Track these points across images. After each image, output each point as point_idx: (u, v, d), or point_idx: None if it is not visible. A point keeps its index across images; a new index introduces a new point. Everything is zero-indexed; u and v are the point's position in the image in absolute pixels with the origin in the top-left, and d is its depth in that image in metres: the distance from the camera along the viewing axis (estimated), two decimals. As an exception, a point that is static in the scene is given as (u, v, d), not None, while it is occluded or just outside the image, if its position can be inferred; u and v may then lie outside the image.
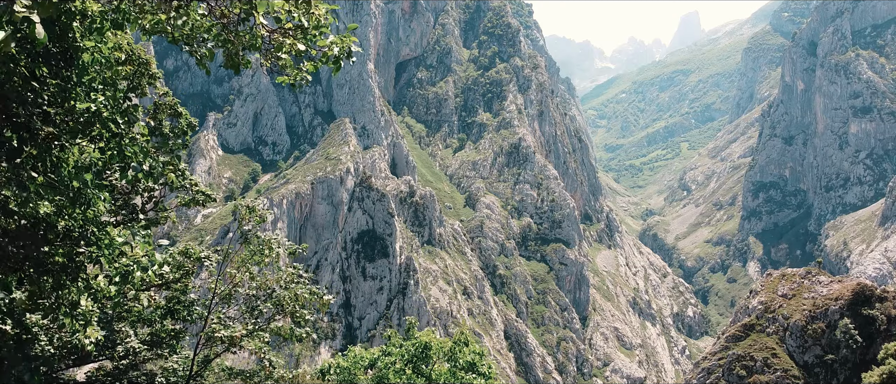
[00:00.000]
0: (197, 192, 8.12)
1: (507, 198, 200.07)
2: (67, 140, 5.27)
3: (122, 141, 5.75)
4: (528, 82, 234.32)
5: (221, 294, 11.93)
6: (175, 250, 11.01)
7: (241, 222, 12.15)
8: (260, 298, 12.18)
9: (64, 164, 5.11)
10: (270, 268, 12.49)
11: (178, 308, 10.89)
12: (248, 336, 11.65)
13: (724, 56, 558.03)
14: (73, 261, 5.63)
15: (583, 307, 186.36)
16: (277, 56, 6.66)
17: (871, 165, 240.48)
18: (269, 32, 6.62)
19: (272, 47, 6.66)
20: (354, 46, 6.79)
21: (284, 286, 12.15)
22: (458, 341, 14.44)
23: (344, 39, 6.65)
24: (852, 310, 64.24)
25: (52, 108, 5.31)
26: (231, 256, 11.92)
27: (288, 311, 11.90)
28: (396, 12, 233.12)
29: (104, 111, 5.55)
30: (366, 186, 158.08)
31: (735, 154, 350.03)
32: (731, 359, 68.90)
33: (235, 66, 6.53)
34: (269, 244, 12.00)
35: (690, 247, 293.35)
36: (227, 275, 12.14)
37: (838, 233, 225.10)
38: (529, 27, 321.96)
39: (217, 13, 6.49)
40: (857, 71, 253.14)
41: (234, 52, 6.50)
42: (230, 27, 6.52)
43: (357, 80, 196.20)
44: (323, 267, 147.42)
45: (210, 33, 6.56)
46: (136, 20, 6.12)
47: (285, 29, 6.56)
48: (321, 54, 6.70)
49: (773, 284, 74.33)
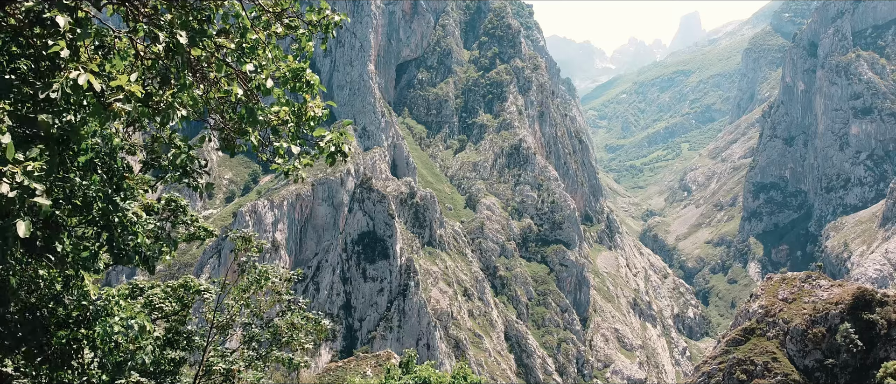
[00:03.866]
0: (198, 228, 8.16)
1: (508, 199, 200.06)
2: (63, 220, 5.30)
3: (114, 231, 5.76)
4: (528, 83, 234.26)
5: (219, 324, 11.94)
6: (174, 283, 11.04)
7: (237, 253, 12.17)
8: (257, 327, 12.19)
9: (59, 244, 5.15)
10: (267, 296, 12.50)
11: (178, 338, 10.91)
12: (246, 368, 11.67)
13: (725, 57, 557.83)
14: (71, 344, 5.67)
15: (583, 308, 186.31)
16: (272, 149, 6.86)
17: (871, 166, 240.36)
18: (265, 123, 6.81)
19: (267, 146, 6.87)
20: (346, 147, 6.98)
21: (280, 314, 12.16)
22: (458, 375, 14.33)
23: (339, 136, 6.81)
24: (853, 315, 64.23)
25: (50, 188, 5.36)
26: (228, 288, 11.94)
27: (284, 341, 11.92)
28: (397, 13, 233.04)
29: (99, 200, 5.55)
30: (366, 188, 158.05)
31: (736, 155, 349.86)
32: (732, 363, 68.91)
33: (231, 149, 6.68)
34: (266, 274, 12.02)
35: (691, 248, 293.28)
36: (224, 306, 12.14)
37: (839, 235, 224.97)
38: (530, 28, 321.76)
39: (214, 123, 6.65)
40: (858, 72, 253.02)
41: (229, 139, 6.66)
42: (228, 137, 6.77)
43: (357, 82, 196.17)
44: (323, 268, 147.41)
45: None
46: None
47: (278, 130, 6.74)
48: (317, 150, 6.91)
49: (773, 288, 74.35)
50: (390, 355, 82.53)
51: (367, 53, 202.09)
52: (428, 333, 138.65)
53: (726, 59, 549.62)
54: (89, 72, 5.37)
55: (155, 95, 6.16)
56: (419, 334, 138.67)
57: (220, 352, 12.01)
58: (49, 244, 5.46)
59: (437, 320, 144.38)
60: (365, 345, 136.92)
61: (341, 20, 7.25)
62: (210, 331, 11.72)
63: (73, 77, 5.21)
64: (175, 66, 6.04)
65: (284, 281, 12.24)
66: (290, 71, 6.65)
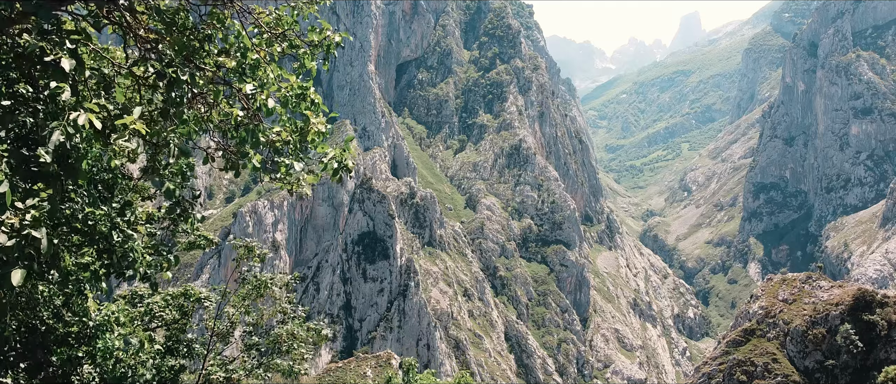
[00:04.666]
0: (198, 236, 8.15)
1: (508, 199, 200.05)
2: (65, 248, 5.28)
3: (115, 252, 5.74)
4: (528, 83, 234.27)
5: (219, 332, 11.94)
6: (175, 291, 11.04)
7: (238, 262, 12.18)
8: (257, 335, 12.19)
9: (60, 268, 5.12)
10: (267, 303, 12.49)
11: (178, 346, 10.91)
12: (247, 375, 11.67)
13: (725, 57, 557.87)
14: (71, 361, 5.65)
15: (583, 308, 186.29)
16: (275, 167, 6.89)
17: (871, 166, 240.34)
18: (268, 143, 6.81)
19: (270, 166, 6.88)
20: (351, 162, 7.00)
21: (281, 323, 12.15)
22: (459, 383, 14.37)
23: (342, 152, 6.80)
24: (853, 316, 64.20)
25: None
26: (229, 296, 11.94)
27: (284, 350, 11.93)
28: (397, 13, 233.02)
29: (103, 226, 5.51)
30: (366, 188, 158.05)
31: (736, 155, 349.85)
32: (732, 365, 68.88)
33: (235, 169, 6.69)
34: (266, 283, 12.02)
35: (691, 248, 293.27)
36: (225, 314, 12.14)
37: (839, 235, 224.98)
38: (530, 28, 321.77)
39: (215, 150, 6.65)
40: (858, 72, 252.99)
41: (232, 160, 6.67)
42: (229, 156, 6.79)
43: (357, 82, 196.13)
44: (323, 268, 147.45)
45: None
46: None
47: (281, 149, 6.76)
48: (321, 165, 6.93)
49: (773, 289, 74.32)
50: (390, 356, 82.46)
51: (367, 53, 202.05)
52: (428, 334, 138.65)
53: (726, 59, 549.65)
54: (90, 111, 5.29)
55: (154, 126, 6.16)
56: (419, 334, 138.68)
57: (221, 360, 12.02)
58: (49, 268, 5.42)
59: (438, 320, 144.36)
60: (365, 345, 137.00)
61: (342, 39, 7.22)
62: (210, 339, 11.73)
63: (74, 118, 5.12)
64: (175, 102, 6.02)
65: (284, 287, 12.25)
66: (293, 90, 6.65)
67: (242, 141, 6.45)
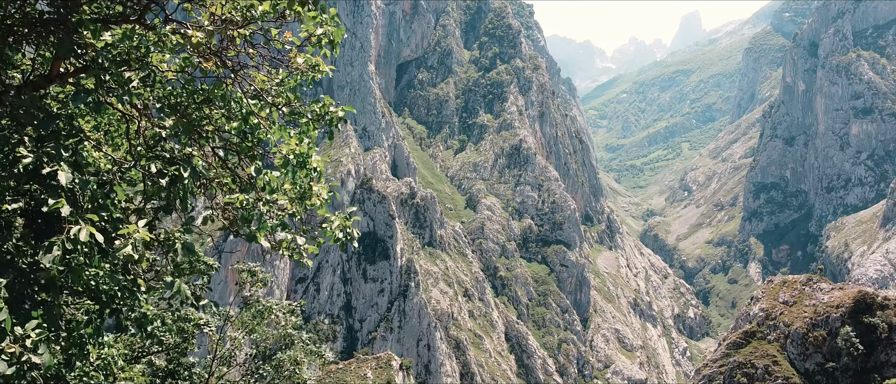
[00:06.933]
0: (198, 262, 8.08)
1: (508, 199, 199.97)
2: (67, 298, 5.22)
3: (120, 312, 5.64)
4: (528, 83, 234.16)
5: (221, 356, 11.91)
6: (174, 315, 10.96)
7: (241, 287, 12.13)
8: (259, 359, 12.18)
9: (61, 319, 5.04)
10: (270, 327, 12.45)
11: (179, 369, 10.87)
12: (249, 399, 11.68)
13: (725, 56, 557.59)
14: None
15: (584, 309, 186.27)
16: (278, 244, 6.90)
17: (872, 166, 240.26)
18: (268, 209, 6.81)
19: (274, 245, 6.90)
20: (356, 231, 7.03)
21: (283, 348, 12.11)
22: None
23: (346, 220, 6.79)
24: (853, 318, 64.17)
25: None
26: (232, 319, 11.91)
27: (286, 376, 11.89)
28: (397, 13, 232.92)
29: (104, 285, 5.40)
30: (366, 188, 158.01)
31: (736, 154, 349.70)
32: (732, 367, 68.87)
33: (237, 235, 6.66)
34: (270, 309, 11.97)
35: (691, 248, 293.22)
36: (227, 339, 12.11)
37: (839, 235, 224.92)
38: (530, 28, 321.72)
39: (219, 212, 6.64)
40: (859, 72, 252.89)
41: (236, 232, 6.67)
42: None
43: (358, 82, 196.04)
44: (324, 269, 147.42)
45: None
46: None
47: (286, 225, 6.76)
48: (322, 231, 6.93)
49: (774, 291, 74.25)
50: (390, 357, 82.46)
51: (367, 54, 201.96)
52: (428, 334, 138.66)
53: (727, 59, 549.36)
54: (90, 223, 5.12)
55: (156, 225, 6.11)
56: (419, 335, 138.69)
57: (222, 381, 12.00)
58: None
59: (438, 321, 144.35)
60: (365, 346, 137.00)
61: (346, 114, 7.15)
62: (213, 363, 11.70)
63: (74, 233, 4.92)
64: (178, 196, 5.94)
65: (288, 313, 12.22)
66: (296, 157, 6.56)
67: (247, 221, 6.38)
